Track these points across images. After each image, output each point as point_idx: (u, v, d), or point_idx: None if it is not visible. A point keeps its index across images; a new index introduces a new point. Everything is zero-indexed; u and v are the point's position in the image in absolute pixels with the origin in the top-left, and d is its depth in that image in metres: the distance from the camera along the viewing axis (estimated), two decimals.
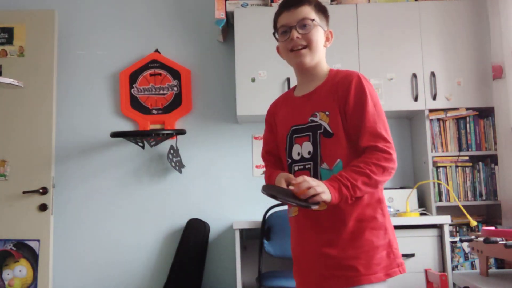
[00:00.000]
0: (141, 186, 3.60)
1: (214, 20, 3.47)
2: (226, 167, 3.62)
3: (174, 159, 3.54)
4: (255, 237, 3.11)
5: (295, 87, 1.79)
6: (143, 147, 3.54)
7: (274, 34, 1.73)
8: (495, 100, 3.25)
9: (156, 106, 3.63)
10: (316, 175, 1.56)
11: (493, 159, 3.29)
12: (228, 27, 3.61)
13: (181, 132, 3.53)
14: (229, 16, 3.48)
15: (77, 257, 3.54)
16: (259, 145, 3.62)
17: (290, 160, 1.64)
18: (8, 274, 3.27)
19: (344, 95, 1.57)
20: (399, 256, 1.57)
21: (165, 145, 3.58)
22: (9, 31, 3.50)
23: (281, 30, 1.68)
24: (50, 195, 3.33)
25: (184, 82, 3.64)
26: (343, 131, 1.55)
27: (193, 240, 3.43)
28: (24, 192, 3.29)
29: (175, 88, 3.64)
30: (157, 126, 3.62)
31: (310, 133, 1.59)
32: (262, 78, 3.33)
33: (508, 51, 3.14)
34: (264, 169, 3.55)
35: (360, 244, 1.50)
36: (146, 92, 3.64)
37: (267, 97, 3.28)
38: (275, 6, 3.40)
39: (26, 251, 3.28)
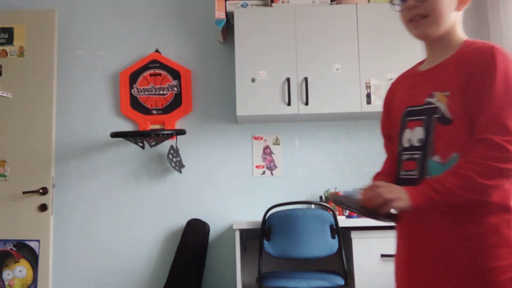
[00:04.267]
0: (141, 186, 3.60)
1: (214, 20, 3.47)
2: (226, 167, 3.62)
3: (174, 159, 3.54)
4: (255, 237, 3.11)
5: (424, 60, 1.51)
6: (143, 147, 3.54)
7: (391, 1, 1.46)
8: None
9: (156, 106, 3.63)
10: (423, 168, 1.32)
11: None
12: (228, 27, 3.60)
13: (181, 132, 3.53)
14: (229, 16, 3.48)
15: (77, 257, 3.54)
16: (259, 145, 3.62)
17: (400, 147, 1.42)
18: (8, 274, 3.27)
19: (469, 71, 1.27)
20: None
21: (165, 145, 3.58)
22: (9, 31, 3.50)
23: None
24: (50, 195, 3.33)
25: (184, 82, 3.64)
26: (466, 118, 1.25)
27: (193, 240, 3.43)
28: (24, 192, 3.29)
29: (175, 88, 3.64)
30: (157, 126, 3.62)
31: (425, 117, 1.33)
32: (262, 78, 3.33)
33: (508, 51, 3.14)
34: (264, 169, 3.58)
35: (470, 264, 1.22)
36: (146, 92, 3.64)
37: (267, 97, 3.32)
38: (275, 6, 3.42)
39: (26, 251, 3.28)
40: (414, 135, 1.36)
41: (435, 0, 1.34)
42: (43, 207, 3.31)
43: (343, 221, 2.99)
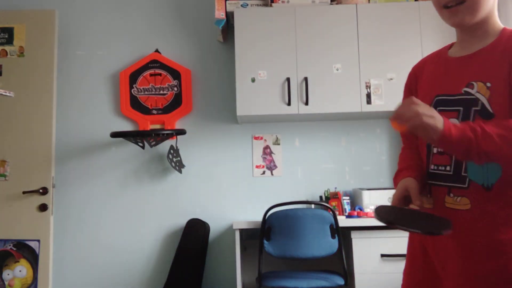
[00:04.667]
0: (141, 186, 3.60)
1: (214, 20, 3.47)
2: (226, 167, 3.62)
3: (174, 159, 3.54)
4: (255, 237, 3.11)
5: (451, 44, 1.40)
6: (143, 147, 3.54)
7: None
8: None
9: (156, 106, 3.63)
10: (459, 165, 1.22)
11: None
12: (228, 27, 3.60)
13: (181, 132, 3.53)
14: (229, 16, 3.48)
15: (77, 257, 3.54)
16: (259, 145, 3.62)
17: None
18: (8, 274, 3.27)
19: None
20: None
21: (165, 145, 3.58)
22: (9, 31, 3.50)
23: None
24: (50, 195, 3.33)
25: (184, 82, 3.64)
26: (510, 113, 1.16)
27: (193, 240, 3.43)
28: (24, 192, 3.29)
29: (175, 88, 3.64)
30: (157, 126, 3.62)
31: (461, 108, 1.23)
32: (262, 78, 3.33)
33: None
34: (264, 169, 3.58)
35: (504, 267, 1.15)
36: (146, 92, 3.64)
37: (267, 97, 3.32)
38: (275, 6, 3.42)
39: (26, 251, 3.28)
40: None
41: None
42: (43, 207, 3.30)
43: (343, 221, 2.99)
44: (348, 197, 3.39)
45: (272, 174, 3.60)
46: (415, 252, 1.39)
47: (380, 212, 1.20)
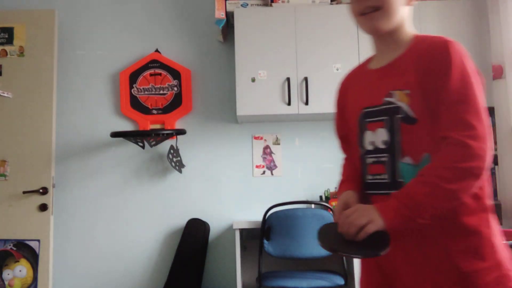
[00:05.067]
0: (141, 186, 3.60)
1: (214, 20, 3.47)
2: (226, 167, 3.62)
3: (174, 159, 3.54)
4: (255, 237, 3.11)
5: (372, 57, 1.46)
6: (143, 147, 3.54)
7: None
8: (495, 100, 3.25)
9: (156, 106, 3.63)
10: (394, 172, 1.25)
11: (493, 159, 3.29)
12: (228, 27, 3.60)
13: (181, 132, 3.53)
14: (229, 16, 3.48)
15: (77, 256, 3.54)
16: (259, 145, 3.62)
17: (362, 150, 1.35)
18: (8, 274, 3.27)
19: (425, 67, 1.22)
20: None
21: (165, 145, 3.58)
22: (9, 31, 3.50)
23: None
24: (50, 195, 3.33)
25: (184, 82, 3.64)
26: (431, 116, 1.20)
27: (193, 240, 3.44)
28: (24, 192, 3.29)
29: (175, 88, 3.64)
30: (157, 126, 3.62)
31: (386, 117, 1.27)
32: (262, 78, 3.33)
33: (508, 51, 3.14)
34: (264, 169, 3.58)
35: (453, 267, 1.18)
36: (146, 92, 3.64)
37: (267, 97, 3.32)
38: (275, 6, 3.42)
39: (26, 251, 3.28)
40: (376, 137, 1.30)
41: None
42: (43, 207, 3.30)
43: None
44: None
45: (272, 174, 3.60)
46: (369, 261, 1.41)
47: (323, 238, 1.26)
